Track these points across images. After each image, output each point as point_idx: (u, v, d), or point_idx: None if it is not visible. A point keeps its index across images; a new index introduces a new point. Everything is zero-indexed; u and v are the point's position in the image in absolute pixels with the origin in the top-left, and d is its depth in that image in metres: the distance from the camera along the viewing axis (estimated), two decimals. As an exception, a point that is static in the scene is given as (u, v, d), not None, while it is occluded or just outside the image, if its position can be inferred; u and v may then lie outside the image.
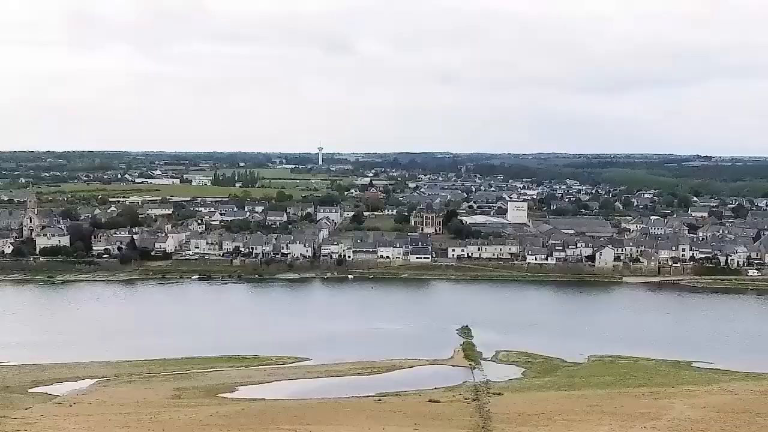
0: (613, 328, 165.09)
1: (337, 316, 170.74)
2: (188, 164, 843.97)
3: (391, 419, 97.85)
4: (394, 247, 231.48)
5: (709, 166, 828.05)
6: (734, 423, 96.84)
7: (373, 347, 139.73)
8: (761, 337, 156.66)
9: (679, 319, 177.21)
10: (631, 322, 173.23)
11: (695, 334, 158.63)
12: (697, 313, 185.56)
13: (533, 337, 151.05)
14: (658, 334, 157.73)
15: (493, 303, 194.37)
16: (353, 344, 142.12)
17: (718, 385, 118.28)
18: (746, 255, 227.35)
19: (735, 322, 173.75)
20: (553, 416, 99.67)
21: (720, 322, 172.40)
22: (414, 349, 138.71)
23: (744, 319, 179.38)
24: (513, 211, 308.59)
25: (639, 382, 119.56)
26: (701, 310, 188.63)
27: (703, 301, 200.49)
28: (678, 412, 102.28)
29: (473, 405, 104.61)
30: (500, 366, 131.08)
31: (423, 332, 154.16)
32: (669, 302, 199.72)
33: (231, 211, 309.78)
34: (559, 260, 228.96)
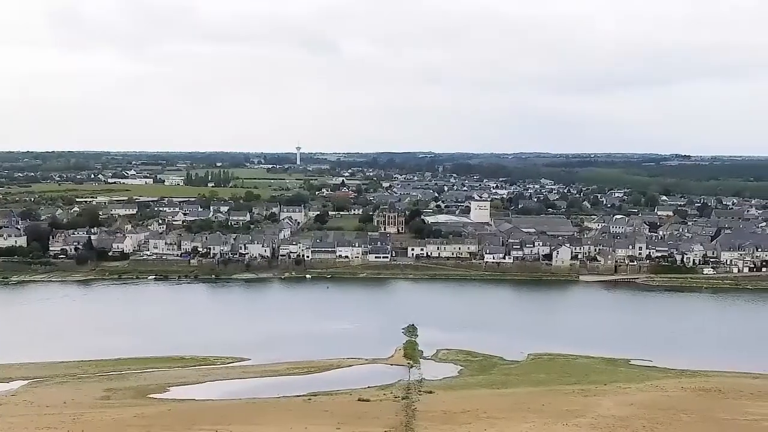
0: (560, 326, 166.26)
1: (286, 316, 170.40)
2: (165, 164, 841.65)
3: (316, 418, 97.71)
4: (353, 247, 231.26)
5: (687, 165, 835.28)
6: (656, 420, 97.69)
7: (317, 347, 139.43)
8: (704, 335, 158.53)
9: (627, 318, 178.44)
10: (580, 320, 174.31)
11: (640, 333, 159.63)
12: (647, 311, 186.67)
13: (479, 336, 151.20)
14: (603, 333, 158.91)
15: (447, 302, 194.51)
16: (297, 344, 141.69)
17: (651, 382, 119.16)
18: (702, 253, 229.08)
19: (682, 320, 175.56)
20: (478, 414, 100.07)
21: (667, 321, 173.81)
22: (357, 349, 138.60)
23: (692, 317, 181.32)
24: (476, 210, 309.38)
25: (573, 380, 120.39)
26: (651, 309, 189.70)
27: (656, 300, 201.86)
28: (604, 409, 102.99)
29: (402, 403, 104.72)
30: (438, 364, 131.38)
31: (370, 331, 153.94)
32: (621, 301, 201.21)
33: (194, 211, 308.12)
34: (517, 259, 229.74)
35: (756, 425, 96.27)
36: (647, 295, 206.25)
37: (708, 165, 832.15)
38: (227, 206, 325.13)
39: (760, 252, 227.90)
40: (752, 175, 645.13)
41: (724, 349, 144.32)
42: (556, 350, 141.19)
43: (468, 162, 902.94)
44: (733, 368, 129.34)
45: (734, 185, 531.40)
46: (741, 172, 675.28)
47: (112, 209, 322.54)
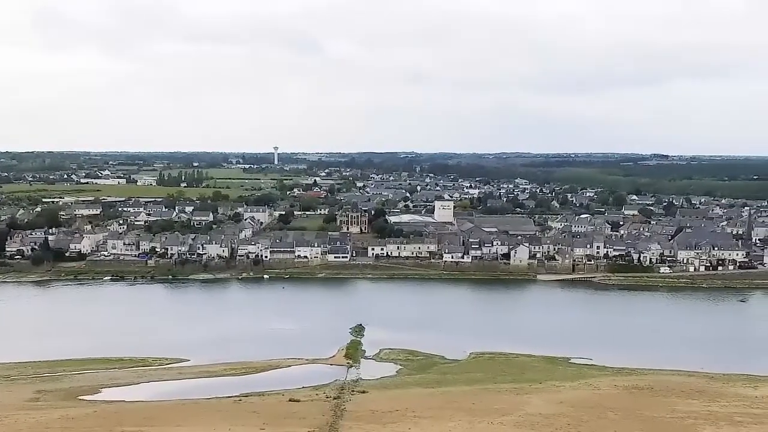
0: (507, 325, 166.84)
1: (234, 316, 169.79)
2: (141, 164, 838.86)
3: (242, 419, 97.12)
4: (313, 247, 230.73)
5: (664, 164, 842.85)
6: (582, 418, 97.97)
7: (259, 348, 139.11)
8: (649, 334, 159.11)
9: (575, 317, 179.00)
10: (529, 319, 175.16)
11: (585, 331, 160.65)
12: (598, 310, 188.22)
13: (425, 335, 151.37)
14: (549, 331, 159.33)
15: (401, 302, 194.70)
16: (240, 345, 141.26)
17: (585, 380, 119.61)
18: (660, 252, 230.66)
19: (631, 318, 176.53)
20: (406, 413, 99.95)
21: (615, 319, 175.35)
22: (301, 349, 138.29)
23: (642, 315, 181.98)
24: (439, 210, 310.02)
25: (509, 379, 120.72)
26: (603, 308, 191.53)
27: (609, 299, 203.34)
28: (533, 407, 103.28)
29: (332, 403, 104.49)
30: (379, 364, 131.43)
31: (316, 332, 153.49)
32: (574, 300, 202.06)
33: (158, 211, 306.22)
34: (475, 258, 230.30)
35: (679, 423, 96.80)
36: (602, 294, 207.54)
37: (685, 165, 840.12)
38: (192, 206, 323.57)
39: (716, 251, 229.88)
40: (727, 174, 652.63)
41: (666, 348, 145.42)
42: (499, 349, 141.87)
43: (446, 162, 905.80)
44: (671, 366, 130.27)
45: (707, 185, 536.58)
46: (716, 172, 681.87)
47: (76, 209, 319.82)
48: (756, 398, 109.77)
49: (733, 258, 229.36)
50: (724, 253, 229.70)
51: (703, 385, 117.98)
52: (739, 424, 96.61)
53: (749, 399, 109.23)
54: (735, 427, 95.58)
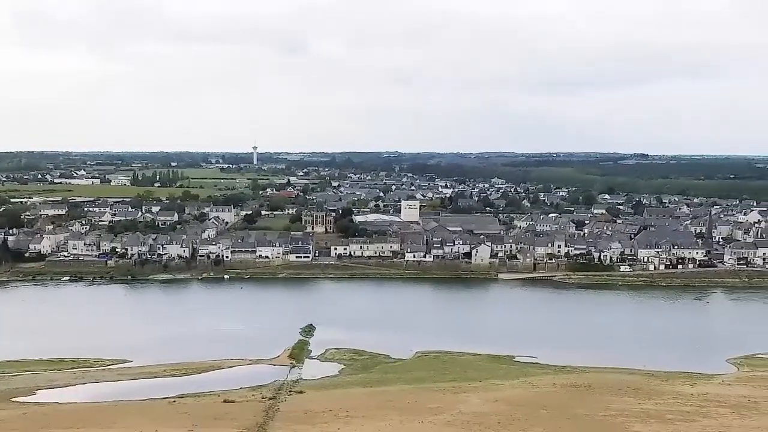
0: (459, 323, 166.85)
1: (185, 317, 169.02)
2: (120, 164, 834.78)
3: (172, 420, 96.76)
4: (274, 247, 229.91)
5: (644, 164, 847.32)
6: (513, 416, 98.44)
7: (206, 348, 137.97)
8: (600, 332, 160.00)
9: (529, 315, 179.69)
10: (482, 318, 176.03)
11: (536, 330, 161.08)
12: (553, 309, 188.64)
13: (375, 335, 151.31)
14: (499, 330, 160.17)
15: (358, 301, 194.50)
16: (187, 345, 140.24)
17: (526, 379, 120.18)
18: (620, 251, 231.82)
19: (584, 317, 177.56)
20: (339, 413, 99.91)
21: (570, 318, 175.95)
22: (247, 349, 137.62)
23: (596, 314, 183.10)
24: (406, 209, 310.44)
25: (450, 377, 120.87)
26: (558, 306, 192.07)
27: (566, 297, 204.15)
28: (468, 406, 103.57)
29: (267, 404, 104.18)
30: (322, 364, 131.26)
31: (267, 332, 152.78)
32: (531, 298, 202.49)
33: (123, 211, 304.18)
34: (437, 258, 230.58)
35: (609, 420, 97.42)
36: (560, 293, 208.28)
37: (665, 164, 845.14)
38: (160, 206, 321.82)
39: (676, 249, 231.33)
40: (704, 173, 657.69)
41: (614, 346, 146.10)
42: (446, 348, 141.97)
43: (426, 162, 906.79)
44: (616, 365, 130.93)
45: (681, 184, 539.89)
46: (694, 171, 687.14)
47: (42, 210, 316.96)
48: (691, 396, 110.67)
49: (693, 257, 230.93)
50: (684, 252, 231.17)
51: (642, 383, 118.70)
52: (669, 422, 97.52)
53: (684, 397, 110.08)
54: (664, 424, 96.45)
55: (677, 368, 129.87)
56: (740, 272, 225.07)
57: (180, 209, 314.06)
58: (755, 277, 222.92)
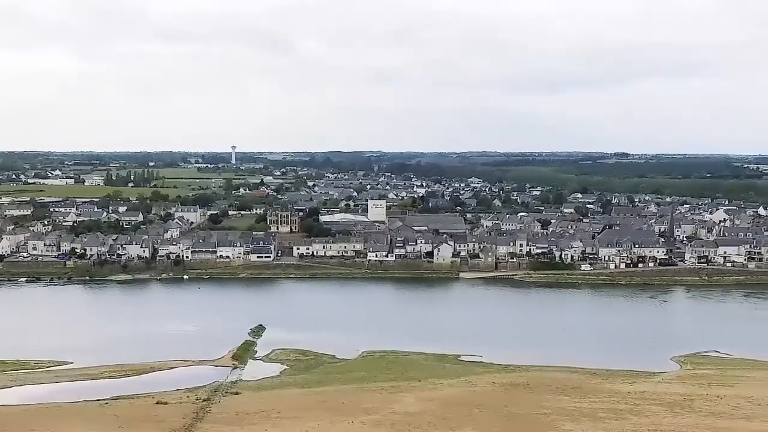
0: (414, 322, 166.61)
1: (136, 317, 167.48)
2: (97, 164, 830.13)
3: (100, 423, 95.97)
4: (235, 247, 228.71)
5: (623, 163, 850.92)
6: (445, 416, 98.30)
7: (151, 349, 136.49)
8: (552, 330, 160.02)
9: (484, 314, 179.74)
10: (437, 317, 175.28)
11: (487, 328, 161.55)
12: (510, 307, 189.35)
13: (325, 334, 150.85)
14: (451, 328, 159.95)
15: (315, 301, 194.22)
16: (132, 346, 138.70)
17: (466, 378, 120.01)
18: (581, 250, 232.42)
19: (539, 315, 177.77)
20: (271, 414, 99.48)
21: (524, 316, 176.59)
22: (192, 350, 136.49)
23: (551, 312, 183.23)
24: (373, 209, 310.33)
25: (390, 377, 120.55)
26: (516, 305, 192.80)
27: (526, 296, 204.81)
28: (402, 405, 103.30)
29: (200, 405, 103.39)
30: (265, 365, 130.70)
31: (215, 333, 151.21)
32: (491, 297, 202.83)
33: (88, 211, 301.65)
34: (399, 257, 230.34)
35: (541, 419, 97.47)
36: (519, 292, 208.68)
37: (644, 163, 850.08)
38: (126, 206, 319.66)
39: (637, 248, 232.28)
40: (682, 172, 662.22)
41: (563, 344, 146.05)
42: (394, 347, 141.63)
43: (407, 162, 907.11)
44: (561, 363, 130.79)
45: (656, 183, 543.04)
46: (672, 170, 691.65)
47: (7, 210, 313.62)
48: (628, 394, 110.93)
49: (654, 255, 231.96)
50: (645, 251, 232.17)
51: (582, 381, 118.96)
52: (600, 420, 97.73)
53: (621, 395, 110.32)
54: (595, 422, 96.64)
55: (622, 366, 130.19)
56: (700, 271, 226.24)
57: (146, 209, 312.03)
58: (715, 275, 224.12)
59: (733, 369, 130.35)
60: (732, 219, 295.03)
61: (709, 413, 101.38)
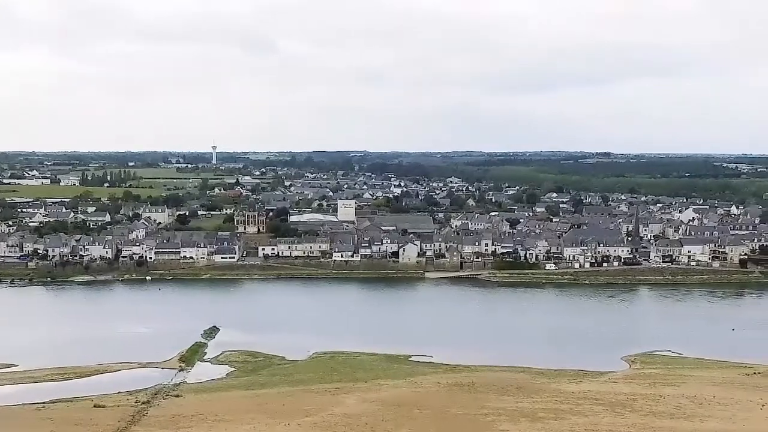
0: (370, 323, 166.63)
1: (91, 319, 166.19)
2: (77, 164, 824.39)
3: (32, 427, 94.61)
4: (199, 247, 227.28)
5: (604, 162, 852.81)
6: (384, 417, 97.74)
7: (100, 351, 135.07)
8: (507, 330, 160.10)
9: (443, 314, 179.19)
10: (394, 317, 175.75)
11: (443, 328, 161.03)
12: (470, 306, 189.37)
13: (279, 335, 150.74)
14: (406, 329, 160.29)
15: (276, 302, 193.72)
16: (82, 349, 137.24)
17: (413, 378, 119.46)
18: (546, 249, 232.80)
19: (498, 315, 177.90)
20: (207, 417, 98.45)
21: (482, 316, 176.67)
22: (143, 352, 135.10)
23: (511, 312, 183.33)
24: (342, 209, 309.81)
25: (336, 378, 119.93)
26: (476, 305, 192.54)
27: (488, 295, 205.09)
28: (343, 407, 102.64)
29: (138, 409, 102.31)
30: (213, 366, 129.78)
31: (168, 334, 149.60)
32: (453, 297, 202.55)
33: (55, 212, 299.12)
34: (365, 257, 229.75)
35: (479, 419, 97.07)
36: (483, 291, 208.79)
37: (625, 162, 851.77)
38: (95, 207, 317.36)
39: (602, 247, 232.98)
40: (662, 172, 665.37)
41: (516, 344, 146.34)
42: (346, 348, 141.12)
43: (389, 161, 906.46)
44: (510, 363, 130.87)
45: (633, 182, 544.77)
46: (652, 170, 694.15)
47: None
48: (571, 394, 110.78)
49: (618, 254, 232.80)
50: (610, 250, 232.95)
51: (528, 381, 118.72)
52: (539, 420, 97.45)
53: (564, 395, 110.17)
54: (533, 422, 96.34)
55: (573, 366, 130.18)
56: (664, 270, 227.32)
57: (115, 210, 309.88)
58: (678, 274, 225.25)
59: (682, 368, 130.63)
60: (700, 218, 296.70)
61: (650, 413, 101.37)
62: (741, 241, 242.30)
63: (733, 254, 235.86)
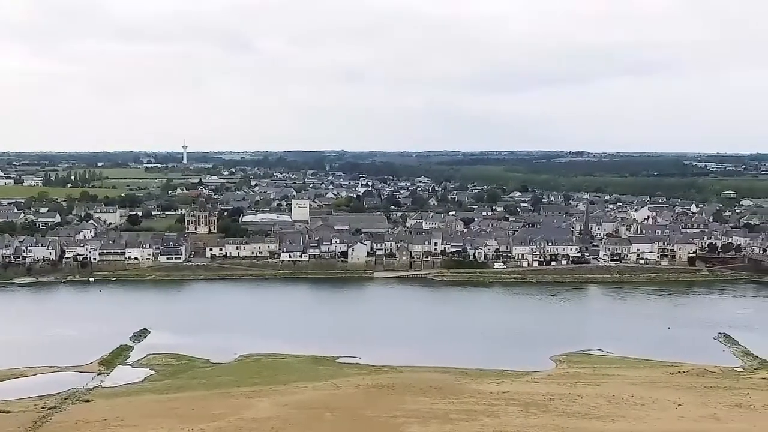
0: (305, 324, 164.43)
1: (18, 322, 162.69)
2: (46, 164, 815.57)
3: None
4: (144, 248, 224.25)
5: (576, 161, 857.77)
6: (293, 421, 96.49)
7: (23, 355, 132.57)
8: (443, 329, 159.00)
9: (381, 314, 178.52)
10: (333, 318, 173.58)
11: (378, 328, 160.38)
12: (411, 306, 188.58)
13: (209, 337, 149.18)
14: (342, 329, 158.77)
15: (216, 303, 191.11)
16: (4, 352, 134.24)
17: (334, 380, 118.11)
18: (495, 248, 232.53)
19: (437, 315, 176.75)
20: (112, 422, 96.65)
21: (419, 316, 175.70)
22: (66, 355, 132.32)
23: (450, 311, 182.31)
24: (296, 208, 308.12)
25: (256, 381, 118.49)
26: (418, 304, 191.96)
27: (434, 294, 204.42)
28: (254, 411, 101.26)
29: (43, 414, 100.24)
30: (133, 370, 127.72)
31: (94, 337, 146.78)
32: (398, 296, 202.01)
33: (5, 213, 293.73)
34: (313, 257, 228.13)
35: (390, 422, 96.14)
36: (430, 291, 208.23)
37: (597, 162, 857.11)
38: (48, 208, 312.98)
39: (550, 246, 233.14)
40: (632, 170, 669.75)
41: (447, 343, 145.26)
42: (275, 350, 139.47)
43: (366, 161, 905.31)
44: (437, 363, 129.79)
45: (600, 181, 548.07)
46: (622, 169, 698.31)
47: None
48: (490, 394, 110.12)
49: (567, 253, 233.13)
50: (559, 248, 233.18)
51: (450, 381, 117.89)
52: (450, 422, 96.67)
53: (483, 395, 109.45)
54: (443, 424, 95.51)
55: (501, 366, 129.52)
56: (612, 268, 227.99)
57: (68, 211, 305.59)
58: (626, 272, 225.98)
59: (608, 367, 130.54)
60: (655, 217, 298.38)
61: (563, 413, 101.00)
62: (690, 239, 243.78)
63: (681, 252, 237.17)
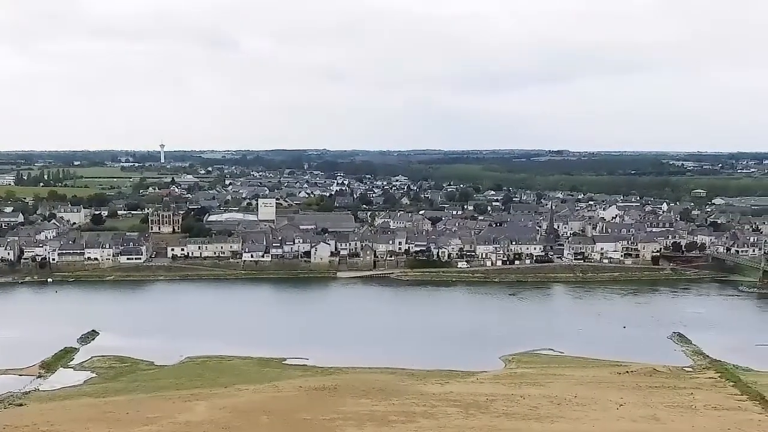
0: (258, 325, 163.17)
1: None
2: (22, 163, 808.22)
3: None
4: (104, 248, 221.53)
5: (555, 160, 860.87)
6: (226, 425, 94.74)
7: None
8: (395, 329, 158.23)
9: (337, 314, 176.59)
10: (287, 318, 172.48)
11: (330, 329, 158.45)
12: (370, 306, 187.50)
13: (158, 339, 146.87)
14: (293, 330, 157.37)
15: (171, 305, 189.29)
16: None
17: (276, 382, 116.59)
18: (459, 248, 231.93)
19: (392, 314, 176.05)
20: (39, 427, 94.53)
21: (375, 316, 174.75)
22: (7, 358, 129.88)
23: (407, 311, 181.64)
24: (262, 208, 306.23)
25: (198, 384, 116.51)
26: (378, 304, 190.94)
27: (395, 294, 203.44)
28: (190, 414, 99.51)
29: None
30: (74, 373, 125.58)
31: (40, 339, 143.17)
32: (358, 296, 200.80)
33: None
34: (276, 257, 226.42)
35: (326, 425, 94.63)
36: (390, 290, 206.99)
37: (575, 160, 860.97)
38: (12, 207, 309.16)
39: (514, 245, 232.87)
40: (609, 169, 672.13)
41: (398, 344, 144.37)
42: (222, 352, 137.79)
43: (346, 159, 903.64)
44: (384, 364, 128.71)
45: (576, 180, 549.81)
46: (599, 168, 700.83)
47: None
48: (432, 395, 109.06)
49: (531, 252, 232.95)
50: (522, 248, 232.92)
51: (394, 382, 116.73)
52: (386, 423, 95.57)
53: (425, 396, 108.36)
54: (380, 426, 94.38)
55: (449, 366, 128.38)
56: (575, 267, 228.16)
57: (33, 210, 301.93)
58: (589, 272, 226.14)
59: (556, 367, 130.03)
60: (622, 215, 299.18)
61: (503, 414, 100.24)
62: (655, 238, 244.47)
63: (645, 251, 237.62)
